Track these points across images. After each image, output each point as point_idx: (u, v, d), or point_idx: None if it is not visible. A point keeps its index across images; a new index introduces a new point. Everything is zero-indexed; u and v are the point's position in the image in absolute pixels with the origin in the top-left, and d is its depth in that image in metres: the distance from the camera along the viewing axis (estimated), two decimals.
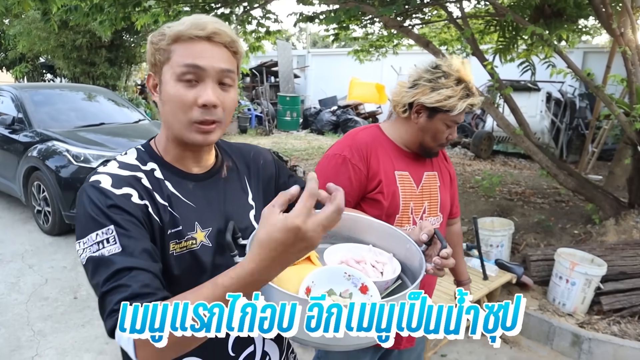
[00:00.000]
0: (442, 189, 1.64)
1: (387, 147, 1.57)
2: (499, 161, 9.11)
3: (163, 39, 0.89)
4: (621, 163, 5.63)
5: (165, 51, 0.89)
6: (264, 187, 1.12)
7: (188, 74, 0.87)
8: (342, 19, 4.51)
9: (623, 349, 2.93)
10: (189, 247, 0.93)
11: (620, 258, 3.36)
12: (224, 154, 1.08)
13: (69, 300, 3.57)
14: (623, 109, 3.72)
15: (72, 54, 11.56)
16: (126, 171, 0.92)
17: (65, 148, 4.76)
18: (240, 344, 1.01)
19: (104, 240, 0.80)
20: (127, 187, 0.88)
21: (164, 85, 0.90)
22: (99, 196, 0.84)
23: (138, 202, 0.88)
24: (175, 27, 0.89)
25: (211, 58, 0.88)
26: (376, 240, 1.07)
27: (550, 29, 4.48)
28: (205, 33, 0.87)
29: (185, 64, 0.87)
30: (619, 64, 4.30)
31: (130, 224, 0.83)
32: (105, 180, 0.88)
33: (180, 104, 0.88)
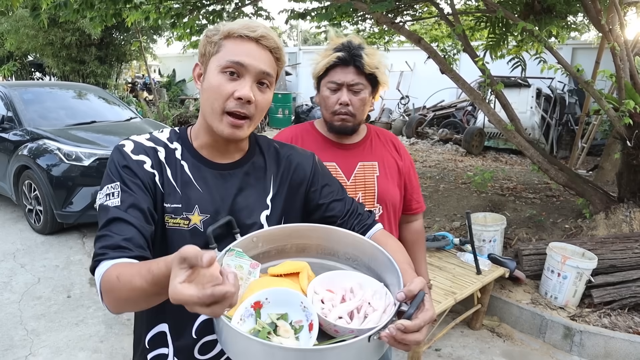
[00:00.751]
0: (381, 180, 1.58)
1: (314, 139, 1.57)
2: (491, 157, 9.18)
3: (216, 34, 0.98)
4: (610, 158, 5.71)
5: (216, 44, 0.97)
6: (291, 191, 1.12)
7: (231, 68, 0.95)
8: (333, 15, 4.51)
9: (613, 341, 2.97)
10: (180, 226, 0.99)
11: (610, 251, 3.40)
12: (256, 151, 1.11)
13: (62, 299, 3.56)
14: (612, 104, 3.77)
15: (61, 52, 11.47)
16: (151, 143, 1.02)
17: (57, 146, 4.73)
18: (203, 330, 1.03)
19: (110, 194, 0.93)
20: (143, 155, 0.99)
21: (207, 74, 0.98)
22: (119, 157, 0.97)
23: (148, 170, 0.98)
24: (229, 25, 0.97)
25: (255, 58, 0.96)
26: (390, 282, 0.94)
27: (540, 25, 4.51)
28: (254, 35, 0.96)
29: (231, 60, 0.95)
30: (607, 59, 4.35)
31: (134, 185, 0.94)
32: (128, 145, 1.00)
33: (218, 93, 0.96)
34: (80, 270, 4.07)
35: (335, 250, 1.04)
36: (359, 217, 1.14)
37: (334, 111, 1.49)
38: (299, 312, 0.86)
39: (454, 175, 7.09)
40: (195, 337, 1.03)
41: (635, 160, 3.77)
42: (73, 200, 4.62)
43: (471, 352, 3.09)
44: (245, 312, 0.84)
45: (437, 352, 3.06)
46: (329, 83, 1.48)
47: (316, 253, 1.05)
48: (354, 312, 0.89)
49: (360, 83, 1.47)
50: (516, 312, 3.36)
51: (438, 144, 10.25)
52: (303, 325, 0.85)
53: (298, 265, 0.97)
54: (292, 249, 1.04)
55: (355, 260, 1.02)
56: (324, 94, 1.51)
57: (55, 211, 4.65)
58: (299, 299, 0.87)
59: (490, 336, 3.29)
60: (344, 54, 1.45)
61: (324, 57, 1.48)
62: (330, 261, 1.04)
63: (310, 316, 0.84)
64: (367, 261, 1.00)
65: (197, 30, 5.25)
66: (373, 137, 1.66)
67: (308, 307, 0.86)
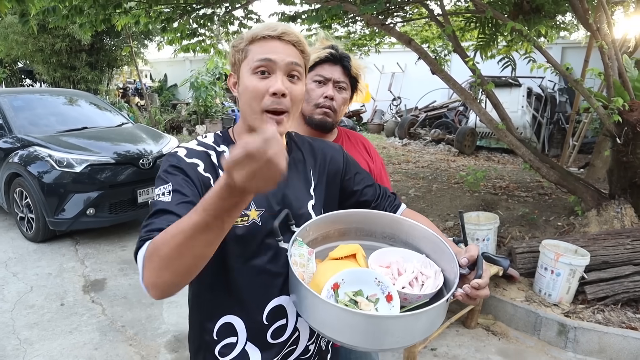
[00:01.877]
0: None
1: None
2: (483, 156, 9.22)
3: (242, 42, 1.05)
4: (601, 155, 5.76)
5: (243, 51, 1.04)
6: (329, 181, 1.21)
7: (261, 67, 1.01)
8: (324, 18, 4.52)
9: (607, 336, 2.99)
10: (241, 222, 1.03)
11: (602, 248, 3.43)
12: (294, 146, 1.19)
13: (55, 307, 3.53)
14: (601, 102, 3.80)
15: (51, 59, 11.40)
16: (201, 147, 1.08)
17: (48, 153, 4.69)
18: (274, 315, 1.09)
19: (161, 193, 0.96)
20: (196, 158, 1.04)
21: (241, 79, 1.05)
22: (172, 160, 1.02)
23: (202, 173, 1.02)
24: (251, 30, 1.05)
25: (281, 53, 1.02)
26: (430, 252, 1.08)
27: (529, 24, 4.55)
28: (276, 33, 1.02)
29: (259, 59, 1.01)
30: (596, 58, 4.39)
31: (187, 185, 0.98)
32: (181, 151, 1.05)
33: (253, 94, 1.02)
34: (74, 277, 4.04)
35: (373, 231, 1.15)
36: (389, 199, 1.27)
37: (317, 104, 1.51)
38: (372, 287, 0.97)
39: (446, 175, 7.12)
40: (266, 323, 1.09)
41: (625, 157, 3.80)
42: (65, 207, 4.59)
43: (467, 351, 3.09)
44: (327, 294, 0.94)
45: (432, 352, 3.06)
46: (315, 76, 1.51)
47: (355, 235, 1.16)
48: (412, 281, 1.01)
49: (345, 82, 1.53)
50: (511, 310, 3.37)
51: (430, 145, 10.29)
52: (379, 298, 0.95)
53: (353, 248, 1.07)
54: (335, 234, 1.15)
55: (392, 238, 1.14)
56: (309, 87, 1.52)
57: (47, 218, 4.62)
58: (372, 275, 0.98)
59: (485, 335, 3.30)
60: (334, 52, 1.51)
61: (313, 52, 1.51)
62: (368, 241, 1.15)
63: (387, 289, 0.96)
64: (404, 237, 1.13)
65: (187, 35, 5.24)
66: (344, 139, 1.68)
67: (383, 281, 0.97)
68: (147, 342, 3.12)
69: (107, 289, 3.84)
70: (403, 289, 0.99)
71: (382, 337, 0.87)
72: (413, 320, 0.88)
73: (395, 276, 1.02)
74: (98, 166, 4.70)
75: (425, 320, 0.90)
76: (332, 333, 0.90)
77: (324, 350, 1.25)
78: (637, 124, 3.58)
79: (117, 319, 3.38)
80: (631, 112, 3.58)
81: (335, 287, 0.95)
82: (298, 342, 1.14)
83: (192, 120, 12.41)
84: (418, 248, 1.10)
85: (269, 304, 1.08)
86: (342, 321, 0.87)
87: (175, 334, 3.20)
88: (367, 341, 0.87)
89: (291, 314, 1.11)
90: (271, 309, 1.09)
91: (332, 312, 0.88)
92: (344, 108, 1.57)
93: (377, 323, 0.87)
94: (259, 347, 1.10)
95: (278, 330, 1.10)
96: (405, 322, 0.87)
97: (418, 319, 0.88)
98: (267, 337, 1.09)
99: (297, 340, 1.14)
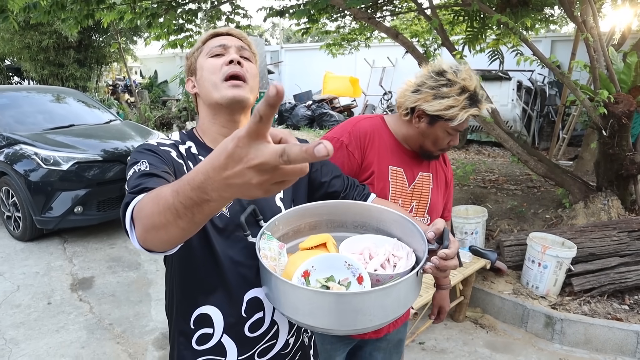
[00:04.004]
0: (434, 192, 1.63)
1: (387, 140, 1.55)
2: (473, 150, 9.25)
3: (196, 45, 1.17)
4: (589, 148, 5.79)
5: (198, 49, 1.16)
6: None
7: (216, 50, 1.12)
8: (311, 12, 4.50)
9: (593, 327, 3.01)
10: None
11: (589, 240, 3.45)
12: None
13: (42, 306, 3.50)
14: (588, 94, 3.81)
15: (38, 56, 11.28)
16: (170, 141, 1.12)
17: (34, 151, 4.64)
18: (251, 307, 1.09)
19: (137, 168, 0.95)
20: (169, 147, 1.07)
21: (199, 67, 1.14)
22: (144, 146, 1.04)
23: (176, 159, 1.06)
24: (202, 35, 1.18)
25: (232, 40, 1.15)
26: (401, 234, 1.10)
27: (517, 18, 4.54)
28: (225, 30, 1.17)
29: (214, 45, 1.13)
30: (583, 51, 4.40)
31: (160, 164, 0.98)
32: (152, 141, 1.08)
33: (212, 69, 1.10)
34: (61, 276, 4.01)
35: (343, 221, 1.16)
36: (357, 189, 1.28)
37: (443, 149, 1.53)
38: (343, 271, 0.97)
39: None
40: (245, 315, 1.09)
41: (611, 149, 3.82)
42: (52, 205, 4.55)
43: (455, 344, 3.11)
44: (298, 282, 0.94)
45: (421, 346, 3.07)
46: (451, 129, 1.45)
47: (327, 227, 1.16)
48: (384, 264, 1.02)
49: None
50: (498, 303, 3.39)
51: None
52: (350, 281, 0.96)
53: (322, 237, 1.07)
54: (306, 227, 1.15)
55: (363, 227, 1.15)
56: (439, 134, 1.47)
57: (34, 217, 4.57)
58: (342, 259, 0.98)
59: (473, 328, 3.31)
60: (474, 109, 1.41)
61: (459, 105, 1.39)
62: (340, 232, 1.15)
63: (357, 271, 0.96)
64: (375, 224, 1.14)
65: (174, 30, 5.19)
66: None
67: (353, 264, 0.97)
68: (134, 340, 3.11)
69: (95, 287, 3.81)
70: (375, 271, 0.99)
71: (354, 317, 0.86)
72: (383, 295, 0.88)
73: (367, 260, 1.03)
74: (85, 164, 4.66)
75: (396, 294, 0.90)
76: (305, 319, 0.89)
77: (306, 346, 1.25)
78: (623, 116, 3.60)
79: (105, 317, 3.36)
80: (617, 104, 3.59)
81: (305, 274, 0.95)
82: (278, 336, 1.14)
83: (182, 117, 12.33)
84: (389, 232, 1.11)
85: (247, 295, 1.09)
86: (314, 304, 0.87)
87: (163, 331, 3.19)
88: (341, 322, 0.87)
89: (268, 307, 1.11)
90: (249, 300, 1.09)
91: (303, 297, 0.88)
92: None
93: (348, 301, 0.86)
94: (235, 340, 1.09)
95: (256, 323, 1.10)
96: (375, 298, 0.87)
97: (388, 293, 0.88)
98: (244, 330, 1.09)
99: (277, 334, 1.13)
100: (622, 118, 3.60)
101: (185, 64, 1.20)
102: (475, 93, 1.41)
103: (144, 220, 0.76)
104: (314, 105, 12.09)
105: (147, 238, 0.77)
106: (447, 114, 1.39)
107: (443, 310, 1.81)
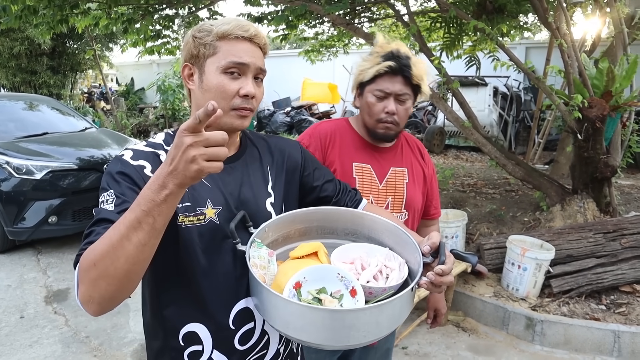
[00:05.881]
0: (410, 186, 1.61)
1: (351, 138, 1.56)
2: (452, 155, 9.36)
3: (208, 35, 1.02)
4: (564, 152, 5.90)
5: (211, 46, 1.02)
6: (288, 178, 1.19)
7: (233, 69, 1.01)
8: (290, 18, 4.49)
9: (572, 328, 3.06)
10: (195, 222, 1.01)
11: (566, 242, 3.51)
12: (249, 143, 1.17)
13: (14, 320, 3.38)
14: (562, 99, 3.89)
15: (10, 62, 11.02)
16: (149, 148, 1.05)
17: (5, 160, 4.50)
18: (240, 319, 1.06)
19: (104, 201, 0.94)
20: (143, 160, 1.01)
21: (207, 75, 1.03)
22: (116, 165, 0.99)
23: (148, 174, 0.99)
24: (221, 26, 1.02)
25: (252, 57, 1.03)
26: (393, 244, 1.08)
27: (492, 24, 4.63)
28: (248, 34, 1.03)
29: (233, 61, 1.01)
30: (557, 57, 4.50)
31: (130, 191, 0.94)
32: (127, 153, 1.02)
33: (223, 93, 1.01)
34: (35, 288, 3.88)
35: (334, 228, 1.13)
36: (349, 194, 1.26)
37: (380, 119, 1.49)
38: (336, 283, 0.95)
39: None
40: (233, 327, 1.05)
41: (586, 153, 3.90)
42: (25, 215, 4.42)
43: (437, 348, 3.11)
44: (289, 294, 0.91)
45: (404, 350, 3.07)
46: (376, 91, 1.47)
47: (317, 234, 1.13)
48: (377, 275, 1.00)
49: (406, 93, 1.48)
50: (480, 306, 3.41)
51: None
52: (343, 293, 0.94)
53: (314, 246, 1.05)
54: (295, 234, 1.12)
55: (354, 234, 1.12)
56: (369, 100, 1.49)
57: (6, 228, 4.43)
58: (335, 271, 0.96)
59: (455, 331, 3.32)
60: (394, 64, 1.44)
61: (372, 63, 1.46)
62: (331, 239, 1.13)
63: (350, 284, 0.94)
64: (366, 232, 1.11)
65: (151, 36, 5.13)
66: (403, 143, 1.66)
67: (346, 276, 0.95)
68: (112, 352, 3.02)
69: (70, 299, 3.70)
70: (367, 283, 0.97)
71: (348, 333, 0.85)
72: (378, 312, 0.86)
73: (359, 271, 1.01)
74: (60, 172, 4.54)
75: (390, 311, 0.89)
76: (297, 334, 0.87)
77: (295, 353, 1.22)
78: (597, 120, 3.68)
79: (81, 330, 3.27)
80: (590, 108, 3.68)
81: (297, 286, 0.93)
82: (268, 346, 1.11)
83: (159, 124, 12.19)
84: (381, 242, 1.09)
85: (235, 307, 1.06)
86: (306, 319, 0.85)
87: (141, 342, 3.11)
88: (334, 338, 0.85)
89: (258, 317, 1.08)
90: (237, 311, 1.06)
91: (295, 311, 0.86)
92: (408, 115, 1.55)
93: (342, 318, 0.85)
94: (226, 354, 1.06)
95: (246, 334, 1.07)
96: (370, 315, 0.86)
97: (382, 310, 0.87)
98: (234, 343, 1.06)
99: (268, 344, 1.11)
100: (596, 122, 3.69)
101: (185, 45, 1.06)
102: (393, 54, 1.45)
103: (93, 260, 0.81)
104: (292, 112, 12.09)
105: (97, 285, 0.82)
106: (365, 74, 1.46)
107: (439, 313, 1.78)
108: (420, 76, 1.47)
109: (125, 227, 0.78)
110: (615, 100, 3.77)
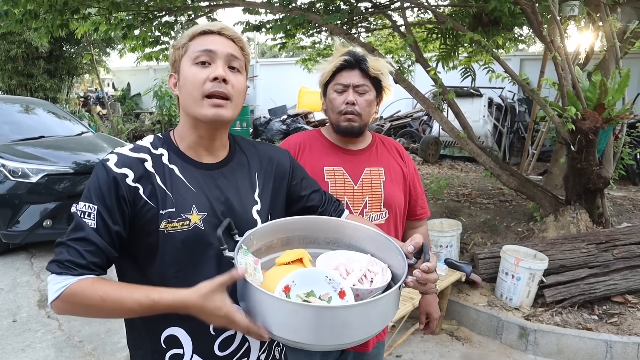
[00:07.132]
0: (387, 185, 1.61)
1: (321, 144, 1.61)
2: (447, 165, 9.41)
3: (183, 40, 1.06)
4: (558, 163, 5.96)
5: (184, 47, 1.05)
6: (276, 186, 1.19)
7: (201, 57, 1.02)
8: (288, 27, 4.54)
9: (565, 337, 3.08)
10: (178, 228, 1.01)
11: (560, 252, 3.54)
12: (238, 150, 1.17)
13: (7, 324, 3.36)
14: (556, 110, 3.95)
15: (6, 65, 11.00)
16: (135, 153, 1.04)
17: (1, 163, 4.49)
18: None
19: (87, 212, 0.97)
20: (127, 168, 1.00)
21: (182, 73, 1.05)
22: (101, 173, 1.00)
23: (130, 184, 0.99)
24: (191, 29, 1.07)
25: (221, 45, 1.04)
26: (375, 250, 1.10)
27: (487, 36, 4.69)
28: (215, 28, 1.05)
29: (199, 50, 1.03)
30: (551, 69, 4.57)
31: (113, 207, 0.98)
32: (112, 158, 1.01)
33: (194, 82, 1.01)
34: (28, 292, 3.86)
35: (316, 237, 1.15)
36: (334, 205, 1.28)
37: (340, 111, 1.53)
38: (324, 286, 0.96)
39: None
40: (213, 333, 1.06)
41: (579, 164, 3.95)
42: (20, 219, 4.40)
43: (431, 357, 3.12)
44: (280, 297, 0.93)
45: (398, 359, 3.07)
46: (335, 85, 1.54)
47: (299, 243, 1.14)
48: (362, 279, 1.02)
49: (365, 85, 1.52)
50: (474, 315, 3.43)
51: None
52: (331, 296, 0.95)
53: (299, 252, 1.06)
54: (278, 243, 1.13)
55: (335, 243, 1.15)
56: (331, 97, 1.55)
57: (0, 231, 4.41)
58: (323, 274, 0.98)
59: (449, 340, 3.34)
60: (349, 57, 1.51)
61: (330, 62, 1.54)
62: (312, 249, 1.13)
63: (339, 286, 0.96)
64: (347, 240, 1.14)
65: (150, 42, 5.15)
66: (378, 144, 1.69)
67: (334, 278, 0.97)
68: (106, 357, 3.01)
69: None
70: (354, 286, 0.99)
71: (340, 331, 0.85)
72: (370, 309, 0.88)
73: (344, 276, 1.03)
74: (55, 176, 4.53)
75: (381, 308, 0.91)
76: (288, 334, 0.87)
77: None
78: (590, 132, 3.73)
79: (75, 334, 3.25)
80: (584, 120, 3.73)
81: (286, 289, 0.94)
82: (249, 354, 1.11)
83: (155, 130, 12.17)
84: (362, 249, 1.12)
85: None
86: (298, 319, 0.86)
87: None
88: (327, 337, 0.86)
89: None
90: None
91: (287, 311, 0.87)
92: (372, 109, 1.57)
93: (334, 315, 0.86)
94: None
95: (226, 341, 1.07)
96: (362, 311, 0.87)
97: (374, 306, 0.89)
98: (214, 348, 1.07)
99: (248, 352, 1.11)
100: (589, 134, 3.73)
101: (170, 55, 1.10)
102: (350, 52, 1.52)
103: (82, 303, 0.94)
104: (288, 120, 12.11)
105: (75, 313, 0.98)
106: (325, 73, 1.55)
107: (432, 317, 1.76)
108: (377, 68, 1.52)
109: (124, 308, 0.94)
110: (608, 113, 3.82)
